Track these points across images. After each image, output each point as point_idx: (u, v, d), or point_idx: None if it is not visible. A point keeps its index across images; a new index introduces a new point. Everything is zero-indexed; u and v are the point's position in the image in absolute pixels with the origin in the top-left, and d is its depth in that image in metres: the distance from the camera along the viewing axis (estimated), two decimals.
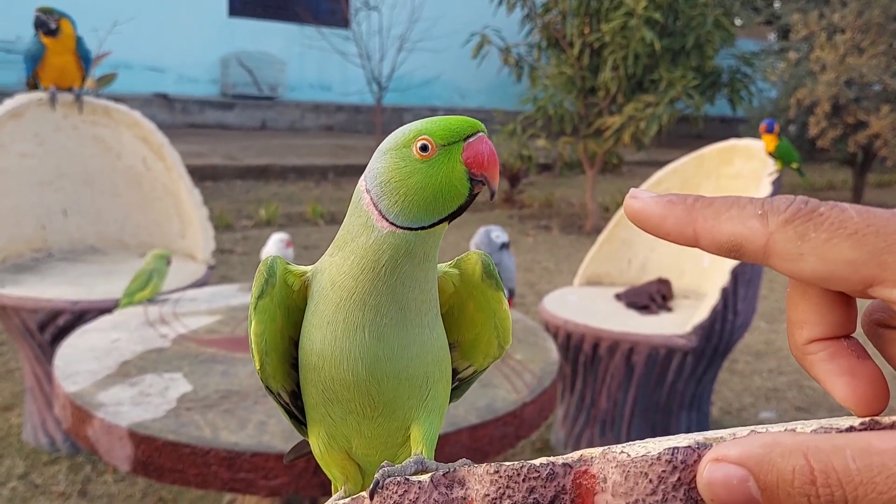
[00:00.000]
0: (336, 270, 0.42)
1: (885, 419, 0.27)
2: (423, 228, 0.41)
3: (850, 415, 0.29)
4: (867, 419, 0.27)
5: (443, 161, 0.40)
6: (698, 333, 2.39)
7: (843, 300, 0.30)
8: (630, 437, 2.52)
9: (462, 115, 0.42)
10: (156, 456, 1.36)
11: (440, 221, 0.42)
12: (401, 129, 0.42)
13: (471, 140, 0.41)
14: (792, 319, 0.31)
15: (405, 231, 0.41)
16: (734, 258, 0.29)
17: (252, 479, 1.33)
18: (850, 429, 0.27)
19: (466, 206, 0.42)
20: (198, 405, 1.47)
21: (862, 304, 0.31)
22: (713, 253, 0.30)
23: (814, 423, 0.28)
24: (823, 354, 0.30)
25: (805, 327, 0.30)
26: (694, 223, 0.29)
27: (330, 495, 0.52)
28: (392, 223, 0.41)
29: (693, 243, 0.30)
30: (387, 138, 0.43)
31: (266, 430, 1.38)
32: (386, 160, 0.42)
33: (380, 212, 0.41)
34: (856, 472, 0.25)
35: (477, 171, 0.41)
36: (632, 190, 0.31)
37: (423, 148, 0.40)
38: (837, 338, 0.30)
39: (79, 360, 1.69)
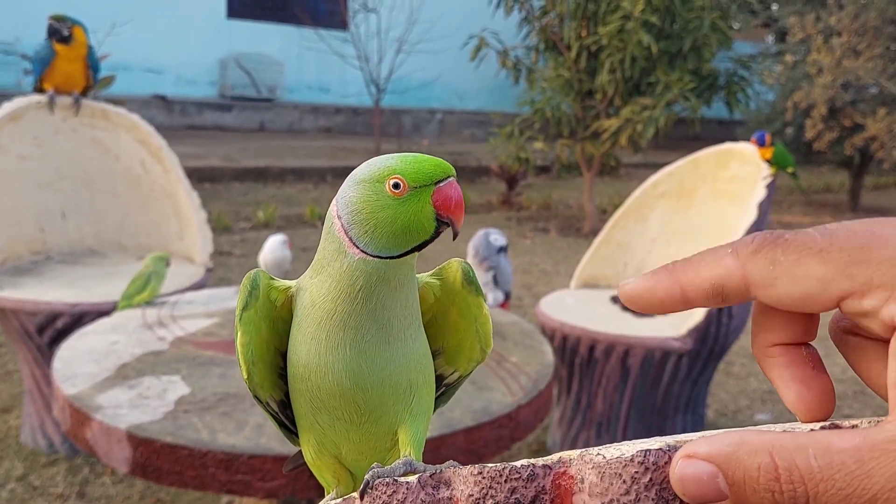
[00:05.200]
0: (316, 291, 0.44)
1: (846, 423, 0.29)
2: (391, 258, 0.43)
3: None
4: (828, 423, 0.29)
5: (413, 201, 0.43)
6: (693, 336, 2.40)
7: None
8: (626, 439, 2.53)
9: (436, 158, 0.44)
10: (154, 458, 1.37)
11: (407, 252, 0.44)
12: (375, 160, 0.44)
13: (441, 185, 0.43)
14: (757, 322, 0.33)
15: (375, 259, 0.43)
16: (723, 302, 0.31)
17: (249, 480, 1.34)
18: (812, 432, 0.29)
19: (431, 241, 0.44)
20: (196, 407, 1.48)
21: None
22: (704, 305, 0.31)
23: (779, 427, 0.29)
24: (782, 360, 0.32)
25: (769, 331, 0.32)
26: (678, 282, 0.31)
27: (324, 496, 0.53)
28: (363, 251, 0.43)
29: (684, 302, 0.31)
30: (360, 167, 0.45)
31: (263, 433, 1.39)
32: (358, 190, 0.44)
33: (350, 239, 0.43)
34: (817, 469, 0.26)
35: (444, 215, 0.43)
36: (621, 282, 0.33)
37: (396, 186, 0.42)
38: (798, 344, 0.32)
39: (78, 363, 1.70)
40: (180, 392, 1.55)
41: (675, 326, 2.50)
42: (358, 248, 0.43)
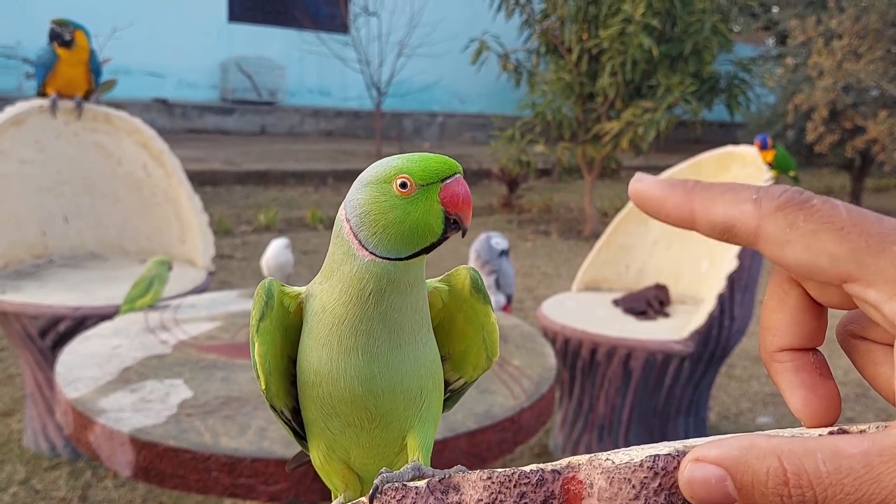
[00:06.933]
0: (327, 297, 0.44)
1: (854, 428, 0.29)
2: (400, 259, 0.43)
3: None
4: (836, 428, 0.29)
5: (421, 199, 0.43)
6: (695, 339, 2.40)
7: (816, 312, 0.32)
8: (628, 443, 2.54)
9: (442, 155, 0.44)
10: (157, 462, 1.37)
11: (416, 254, 0.44)
12: (381, 162, 0.44)
13: (448, 182, 0.43)
14: (765, 325, 0.33)
15: (384, 261, 0.43)
16: (727, 240, 0.30)
17: (252, 484, 1.34)
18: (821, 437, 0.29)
19: (440, 243, 0.44)
20: (198, 411, 1.48)
21: (836, 316, 0.33)
22: (707, 235, 0.31)
23: (787, 432, 0.30)
24: (789, 365, 0.32)
25: (777, 335, 0.32)
26: (692, 204, 0.31)
27: (329, 500, 0.53)
28: (372, 253, 0.43)
29: (690, 225, 0.31)
30: (367, 170, 0.45)
31: (266, 436, 1.39)
32: (366, 192, 0.43)
33: (359, 241, 0.43)
34: (826, 474, 0.27)
35: (452, 212, 0.43)
36: (637, 173, 0.33)
37: (403, 185, 0.42)
38: (805, 349, 0.32)
39: (80, 367, 1.70)
40: (183, 396, 1.55)
41: (677, 329, 2.50)
42: (367, 250, 0.43)
